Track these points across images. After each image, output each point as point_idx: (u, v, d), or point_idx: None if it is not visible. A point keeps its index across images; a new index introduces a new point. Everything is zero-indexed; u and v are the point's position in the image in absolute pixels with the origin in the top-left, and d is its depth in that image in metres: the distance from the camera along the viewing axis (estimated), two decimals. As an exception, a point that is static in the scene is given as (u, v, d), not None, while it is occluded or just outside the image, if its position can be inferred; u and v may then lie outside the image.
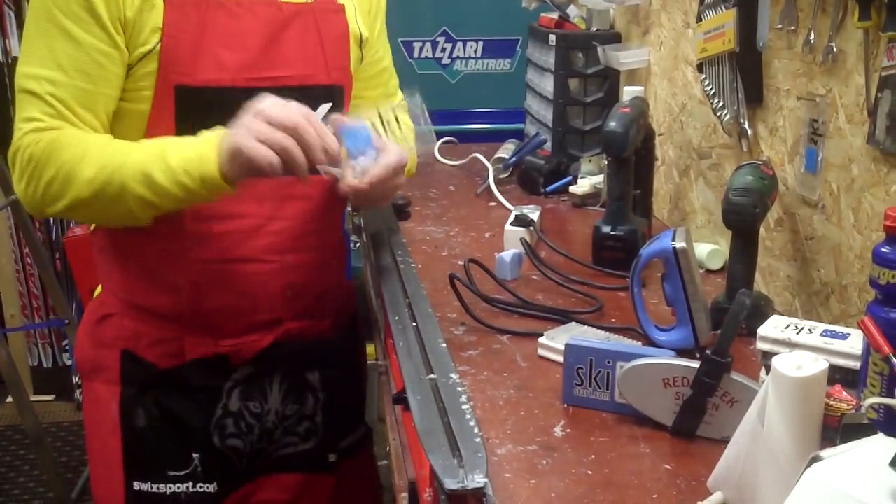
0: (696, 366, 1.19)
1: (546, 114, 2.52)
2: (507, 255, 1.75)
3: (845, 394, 1.04)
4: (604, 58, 2.34)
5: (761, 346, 1.25)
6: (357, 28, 1.53)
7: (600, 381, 1.28)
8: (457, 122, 3.15)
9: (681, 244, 1.40)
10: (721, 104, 1.78)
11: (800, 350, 1.10)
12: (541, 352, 1.45)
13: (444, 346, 1.28)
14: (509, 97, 3.08)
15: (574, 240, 1.99)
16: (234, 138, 1.24)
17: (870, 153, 1.36)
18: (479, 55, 3.39)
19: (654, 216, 2.07)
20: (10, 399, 2.93)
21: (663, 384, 1.21)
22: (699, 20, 1.84)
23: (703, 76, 1.84)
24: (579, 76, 2.44)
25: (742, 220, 1.48)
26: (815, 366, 0.98)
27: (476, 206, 2.25)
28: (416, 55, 3.36)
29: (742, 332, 1.39)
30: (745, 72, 1.70)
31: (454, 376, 1.19)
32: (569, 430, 1.24)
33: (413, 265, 1.61)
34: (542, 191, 2.33)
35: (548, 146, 2.47)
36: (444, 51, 3.38)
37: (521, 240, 1.82)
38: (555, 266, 1.76)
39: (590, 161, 2.34)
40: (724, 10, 1.73)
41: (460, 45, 3.38)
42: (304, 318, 1.57)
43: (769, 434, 0.98)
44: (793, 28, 1.54)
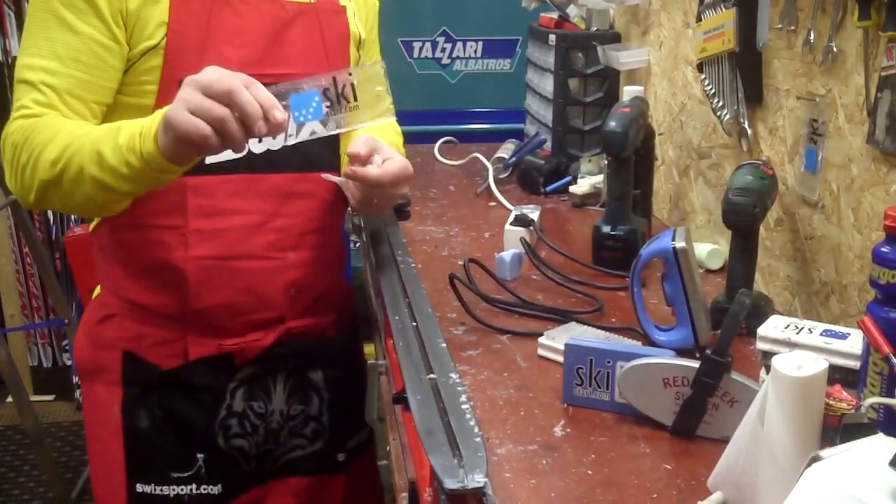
0: (695, 366, 1.19)
1: (546, 114, 2.52)
2: (506, 255, 1.75)
3: (845, 393, 1.04)
4: (604, 58, 2.34)
5: (761, 345, 1.25)
6: (356, 30, 1.55)
7: (600, 381, 1.28)
8: (456, 122, 3.15)
9: (681, 244, 1.40)
10: (721, 104, 1.78)
11: (800, 350, 1.10)
12: (541, 352, 1.45)
13: (444, 345, 1.28)
14: (509, 97, 3.09)
15: (574, 240, 1.99)
16: (168, 111, 1.17)
17: (869, 153, 1.36)
18: (478, 55, 3.39)
19: (654, 216, 2.07)
20: (9, 399, 2.93)
21: (663, 384, 1.21)
22: (699, 20, 1.84)
23: (703, 76, 1.84)
24: (579, 76, 2.44)
25: (742, 220, 1.48)
26: (815, 366, 0.98)
27: (476, 206, 2.26)
28: (415, 55, 3.36)
29: (742, 332, 1.39)
30: (744, 72, 1.70)
31: (454, 376, 1.19)
32: (569, 430, 1.24)
33: (413, 265, 1.61)
34: (542, 191, 2.33)
35: (548, 146, 2.47)
36: (443, 51, 3.38)
37: (521, 240, 1.82)
38: (555, 266, 1.76)
39: (589, 161, 2.34)
40: (723, 9, 1.73)
41: (460, 44, 3.38)
42: (306, 317, 1.57)
43: (769, 434, 0.98)
44: (792, 28, 1.54)
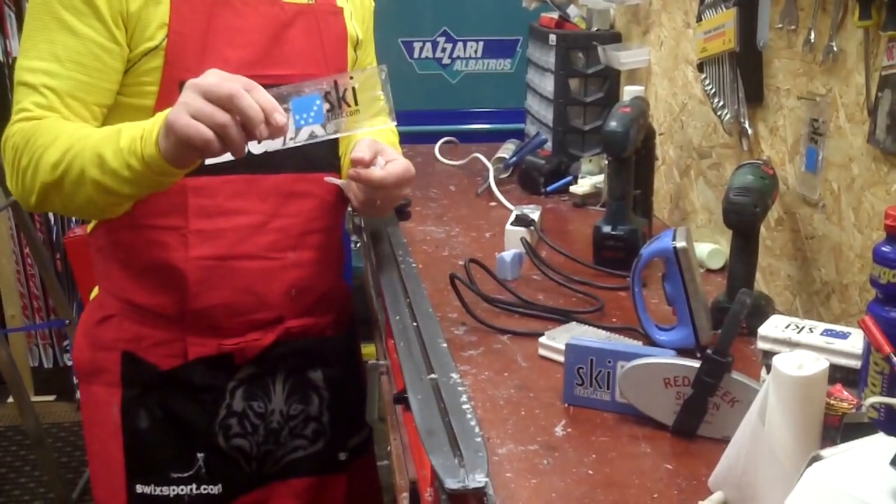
0: (696, 365, 1.19)
1: (546, 114, 2.52)
2: (507, 255, 1.75)
3: (846, 393, 1.04)
4: (604, 57, 2.34)
5: (762, 345, 1.25)
6: (353, 31, 1.55)
7: (601, 381, 1.28)
8: (457, 122, 3.15)
9: (681, 244, 1.40)
10: (721, 104, 1.78)
11: (800, 349, 1.10)
12: (541, 351, 1.45)
13: (445, 345, 1.28)
14: (510, 97, 3.09)
15: (574, 239, 1.99)
16: (169, 115, 1.17)
17: (870, 152, 1.36)
18: (479, 55, 3.39)
19: (655, 216, 2.07)
20: (10, 399, 2.93)
21: (664, 384, 1.21)
22: (699, 20, 1.84)
23: (704, 76, 1.84)
24: (580, 76, 2.44)
25: (742, 220, 1.48)
26: (816, 365, 0.98)
27: (476, 206, 2.25)
28: (416, 55, 3.37)
29: (743, 332, 1.39)
30: (745, 71, 1.70)
31: (455, 376, 1.19)
32: (569, 430, 1.24)
33: (414, 265, 1.61)
34: (543, 191, 2.33)
35: (548, 146, 2.47)
36: (444, 51, 3.38)
37: (522, 239, 1.82)
38: (555, 266, 1.76)
39: (590, 161, 2.34)
40: (724, 9, 1.73)
41: (460, 45, 3.38)
42: (306, 317, 1.57)
43: (770, 433, 0.98)
44: (793, 27, 1.54)
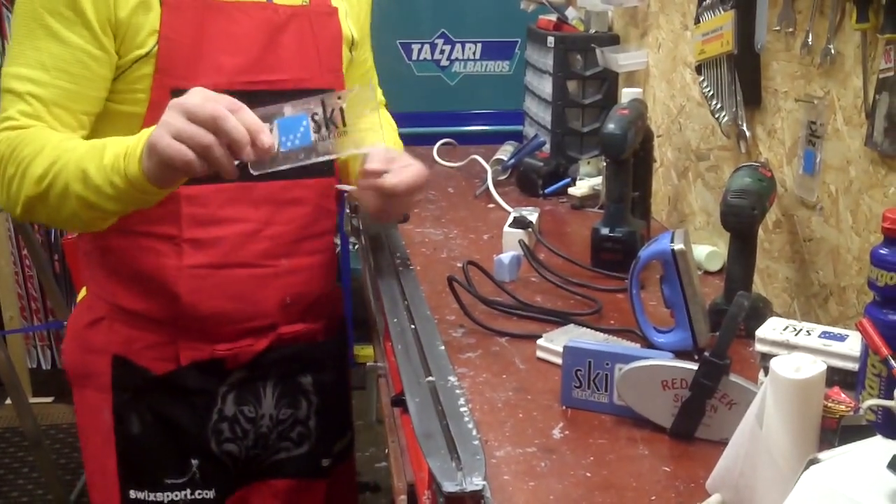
0: (694, 368, 1.19)
1: (545, 116, 2.52)
2: (505, 257, 1.75)
3: (844, 396, 1.04)
4: (602, 60, 2.34)
5: (760, 347, 1.25)
6: (349, 31, 1.54)
7: (599, 383, 1.28)
8: (455, 124, 3.15)
9: (679, 246, 1.40)
10: (719, 106, 1.78)
11: (798, 352, 1.10)
12: (539, 354, 1.45)
13: (443, 348, 1.28)
14: (508, 99, 3.08)
15: (573, 241, 1.99)
16: (152, 136, 1.16)
17: (868, 155, 1.36)
18: (477, 57, 3.39)
19: (653, 218, 2.07)
20: (8, 401, 2.93)
21: (662, 386, 1.21)
22: (697, 22, 1.84)
23: (702, 78, 1.84)
24: (578, 78, 2.44)
25: (740, 222, 1.48)
26: (814, 368, 0.98)
27: (475, 208, 2.25)
28: (414, 57, 3.36)
29: (740, 334, 1.39)
30: (743, 74, 1.70)
31: (452, 379, 1.19)
32: (567, 433, 1.24)
33: (412, 267, 1.61)
34: (541, 193, 2.33)
35: (546, 148, 2.47)
36: (442, 52, 3.38)
37: (520, 242, 1.82)
38: (553, 268, 1.76)
39: (588, 163, 2.34)
40: (722, 11, 1.73)
41: (459, 46, 3.38)
42: (297, 323, 1.56)
43: (768, 436, 0.98)
44: (791, 30, 1.54)
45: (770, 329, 1.25)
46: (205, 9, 1.34)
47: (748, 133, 1.72)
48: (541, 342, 1.45)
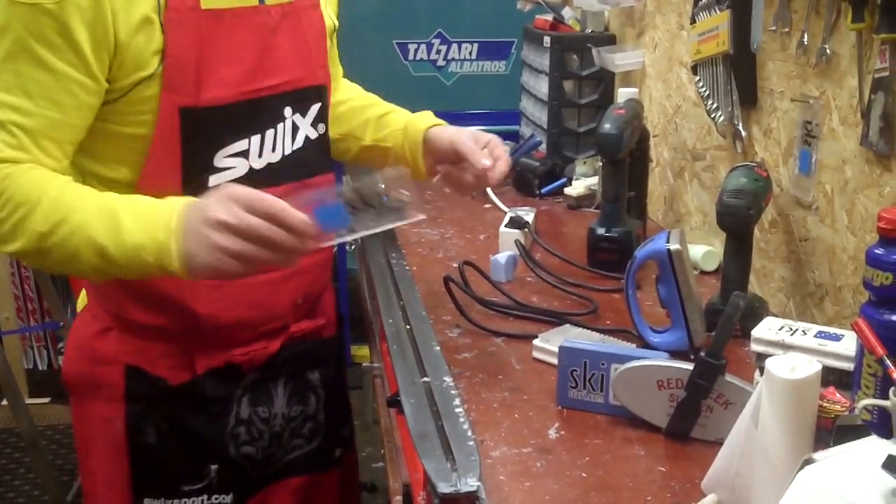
0: (690, 368, 1.19)
1: (541, 115, 2.52)
2: (501, 258, 1.75)
3: (839, 395, 1.04)
4: (598, 59, 2.34)
5: (755, 347, 1.25)
6: (330, 21, 1.51)
7: (595, 384, 1.28)
8: (452, 124, 3.14)
9: (675, 246, 1.40)
10: (715, 106, 1.78)
11: (794, 352, 1.10)
12: (535, 354, 1.45)
13: (438, 349, 1.28)
14: (504, 99, 3.08)
15: (569, 241, 1.99)
16: (192, 249, 1.15)
17: (863, 155, 1.36)
18: (473, 57, 3.39)
19: (649, 218, 2.07)
20: (4, 402, 2.92)
21: (658, 386, 1.21)
22: (693, 22, 1.84)
23: (698, 78, 1.85)
24: (574, 78, 2.44)
25: (736, 222, 1.48)
26: (809, 368, 0.98)
27: (471, 208, 2.25)
28: (411, 57, 3.37)
29: (736, 334, 1.39)
30: (739, 73, 1.70)
31: (448, 379, 1.19)
32: (563, 433, 1.24)
33: (407, 267, 1.61)
34: (537, 192, 2.33)
35: (543, 148, 2.47)
36: (439, 52, 3.38)
37: (516, 242, 1.82)
38: (549, 268, 1.76)
39: (584, 163, 2.34)
40: (717, 11, 1.73)
41: (455, 46, 3.38)
42: (306, 321, 1.56)
43: (763, 436, 0.98)
44: (786, 30, 1.54)
45: (766, 329, 1.25)
46: (206, 21, 1.29)
47: (744, 133, 1.72)
48: (537, 342, 1.45)
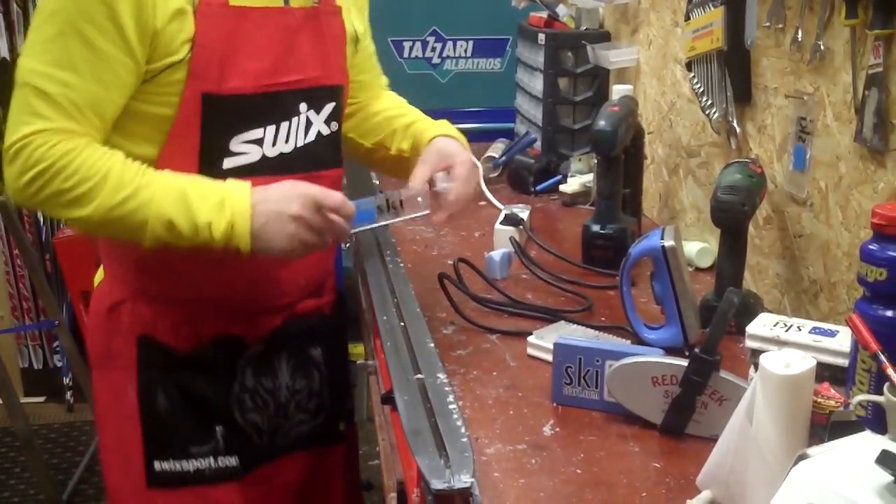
0: (684, 364, 1.19)
1: (536, 113, 2.52)
2: (496, 255, 1.75)
3: (833, 391, 1.04)
4: (593, 57, 2.34)
5: (750, 343, 1.25)
6: (352, 27, 1.58)
7: (589, 380, 1.28)
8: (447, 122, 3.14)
9: (669, 242, 1.40)
10: (710, 102, 1.78)
11: (788, 348, 1.10)
12: (530, 351, 1.44)
13: (432, 346, 1.28)
14: (499, 96, 3.08)
15: (564, 239, 1.99)
16: (269, 235, 1.34)
17: (857, 151, 1.36)
18: (468, 54, 3.39)
19: (644, 215, 2.07)
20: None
21: (652, 382, 1.21)
22: (687, 18, 1.84)
23: (692, 74, 1.84)
24: (569, 75, 2.44)
25: (731, 219, 1.48)
26: (803, 364, 0.98)
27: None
28: (405, 55, 3.36)
29: (731, 330, 1.39)
30: (733, 70, 1.70)
31: (442, 376, 1.19)
32: (558, 429, 1.24)
33: (402, 265, 1.61)
34: (532, 190, 2.33)
35: (537, 145, 2.47)
36: (433, 50, 3.38)
37: (511, 239, 1.82)
38: (544, 265, 1.76)
39: (579, 160, 2.34)
40: (711, 8, 1.73)
41: (450, 44, 3.38)
42: (309, 299, 1.62)
43: (757, 432, 0.98)
44: (780, 26, 1.54)
45: (760, 325, 1.25)
46: (234, 17, 1.39)
47: (738, 129, 1.72)
48: (531, 339, 1.45)
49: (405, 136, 1.65)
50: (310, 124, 1.48)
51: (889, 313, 1.04)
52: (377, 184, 2.22)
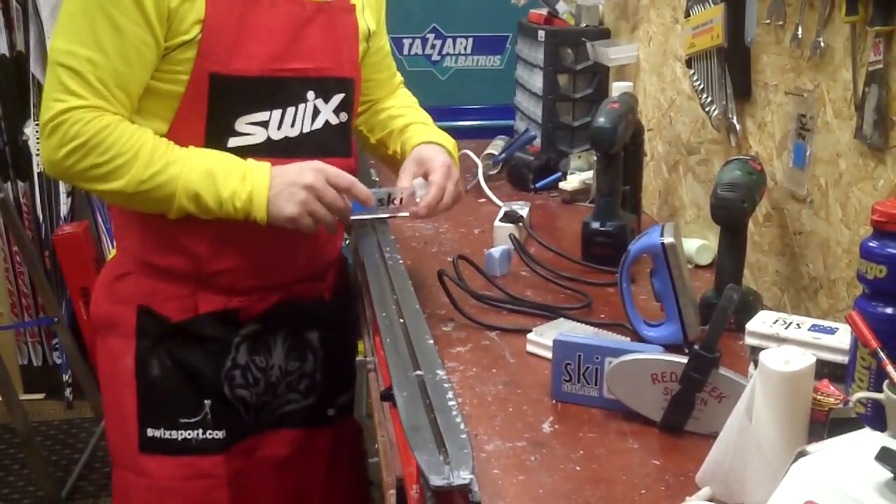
0: (684, 361, 1.19)
1: (535, 110, 2.52)
2: (496, 252, 1.75)
3: (833, 388, 1.04)
4: (593, 54, 2.34)
5: (750, 340, 1.25)
6: (365, 25, 1.64)
7: (589, 377, 1.27)
8: (446, 119, 3.10)
9: (669, 239, 1.40)
10: (709, 99, 1.78)
11: (788, 345, 1.10)
12: (529, 348, 1.44)
13: (432, 342, 1.27)
14: (499, 93, 3.08)
15: (563, 236, 1.99)
16: (281, 202, 1.43)
17: (857, 148, 1.36)
18: (468, 52, 3.39)
19: (644, 212, 2.07)
20: (-1, 398, 2.92)
21: (652, 379, 1.21)
22: (687, 15, 1.84)
23: (692, 71, 1.84)
24: (568, 72, 2.44)
25: (730, 216, 1.48)
26: (803, 360, 0.98)
27: (465, 203, 2.23)
28: (405, 52, 3.36)
29: (730, 327, 1.39)
30: (733, 67, 1.70)
31: (441, 373, 1.18)
32: (557, 426, 1.23)
33: (401, 262, 1.61)
34: (532, 187, 2.33)
35: (537, 142, 2.47)
36: (433, 47, 3.37)
37: (511, 236, 1.82)
38: (544, 262, 1.76)
39: (579, 157, 2.34)
40: (712, 5, 1.73)
41: (450, 41, 3.37)
42: (308, 282, 1.68)
43: (757, 429, 0.98)
44: (781, 23, 1.54)
45: (760, 322, 1.25)
46: (244, 1, 1.45)
47: (738, 126, 1.72)
48: (531, 336, 1.45)
49: (398, 140, 1.72)
50: (317, 112, 1.54)
51: (889, 310, 1.04)
52: (376, 181, 2.22)
